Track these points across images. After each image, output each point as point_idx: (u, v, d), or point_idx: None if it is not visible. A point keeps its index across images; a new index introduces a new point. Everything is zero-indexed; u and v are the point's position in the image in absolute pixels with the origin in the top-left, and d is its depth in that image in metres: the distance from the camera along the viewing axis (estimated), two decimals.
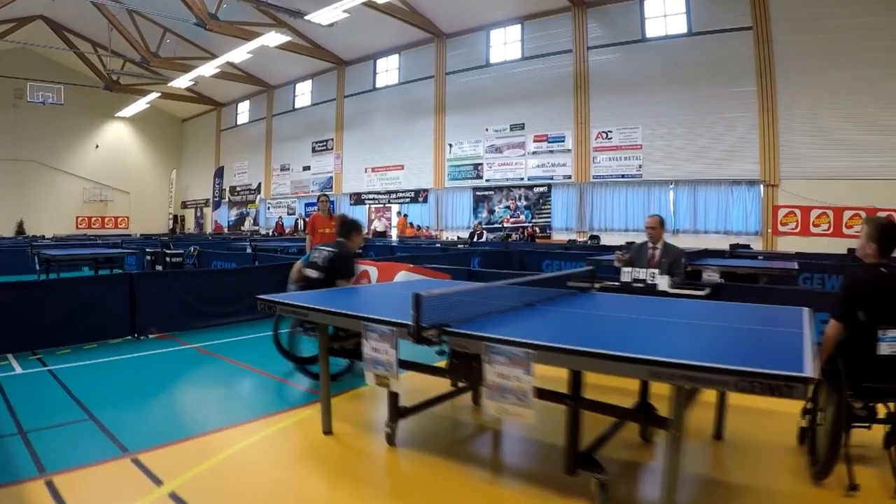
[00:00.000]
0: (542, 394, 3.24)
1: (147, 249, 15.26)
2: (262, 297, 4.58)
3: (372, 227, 25.56)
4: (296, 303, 4.34)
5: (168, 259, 14.35)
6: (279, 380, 6.26)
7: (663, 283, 6.19)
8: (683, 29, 19.68)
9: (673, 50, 19.74)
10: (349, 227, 6.11)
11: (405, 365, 3.82)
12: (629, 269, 6.44)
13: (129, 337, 8.06)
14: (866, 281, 3.79)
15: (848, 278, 4.01)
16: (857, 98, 16.52)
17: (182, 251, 14.95)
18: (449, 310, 3.43)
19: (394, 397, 4.29)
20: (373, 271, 10.34)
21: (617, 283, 6.29)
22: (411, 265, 9.67)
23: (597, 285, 5.32)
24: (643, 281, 6.26)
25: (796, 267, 9.59)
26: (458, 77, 24.41)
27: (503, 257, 15.06)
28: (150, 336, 8.19)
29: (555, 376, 3.15)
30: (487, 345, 2.98)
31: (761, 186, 18.26)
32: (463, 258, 14.14)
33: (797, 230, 17.60)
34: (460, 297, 3.75)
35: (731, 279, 9.03)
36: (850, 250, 15.45)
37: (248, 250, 15.63)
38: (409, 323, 3.22)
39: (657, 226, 7.19)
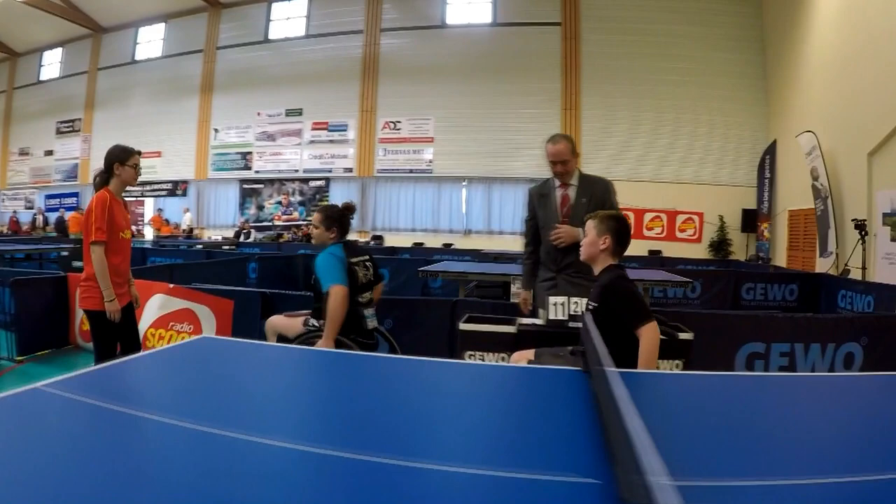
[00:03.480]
0: None
1: None
2: None
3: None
4: None
5: None
6: None
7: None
8: (488, 18, 17.62)
9: (475, 39, 17.46)
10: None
11: None
12: (557, 299, 3.41)
13: None
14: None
15: (629, 285, 2.94)
16: (656, 103, 16.10)
17: None
18: None
19: None
20: None
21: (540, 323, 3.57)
22: (170, 286, 5.63)
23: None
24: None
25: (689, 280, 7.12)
26: (231, 53, 19.90)
27: (286, 264, 10.99)
28: None
29: None
30: None
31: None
32: (237, 267, 10.01)
33: None
34: None
35: None
36: (652, 252, 14.79)
37: None
38: None
39: (568, 155, 3.80)
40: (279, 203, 18.61)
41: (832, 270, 10.89)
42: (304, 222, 17.83)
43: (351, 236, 14.73)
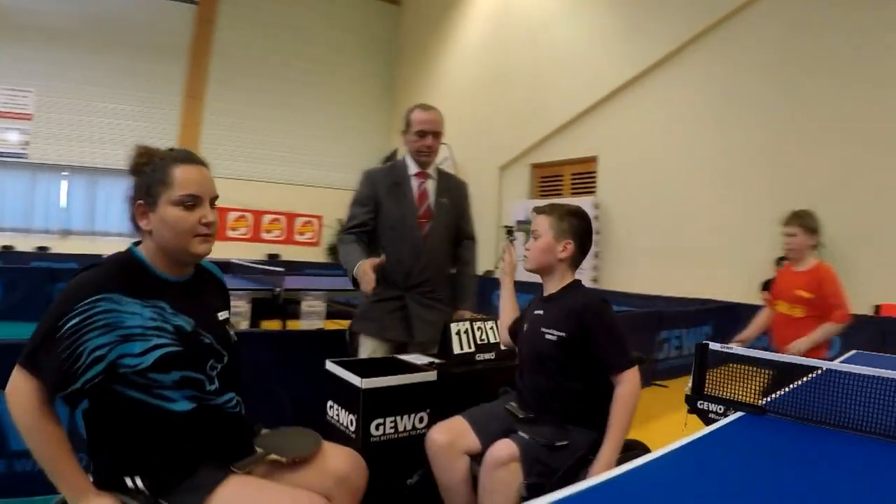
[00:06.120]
0: None
1: None
2: None
3: None
4: None
5: None
6: None
7: None
8: None
9: (99, 3, 14.47)
10: None
11: None
12: (459, 326, 2.65)
13: None
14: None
15: (609, 311, 2.07)
16: (285, 103, 15.44)
17: None
18: None
19: None
20: None
21: None
22: None
23: None
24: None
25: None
26: None
27: None
28: None
29: None
30: None
31: None
32: None
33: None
34: None
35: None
36: (271, 255, 14.04)
37: None
38: None
39: (441, 127, 2.85)
40: None
41: None
42: None
43: None
